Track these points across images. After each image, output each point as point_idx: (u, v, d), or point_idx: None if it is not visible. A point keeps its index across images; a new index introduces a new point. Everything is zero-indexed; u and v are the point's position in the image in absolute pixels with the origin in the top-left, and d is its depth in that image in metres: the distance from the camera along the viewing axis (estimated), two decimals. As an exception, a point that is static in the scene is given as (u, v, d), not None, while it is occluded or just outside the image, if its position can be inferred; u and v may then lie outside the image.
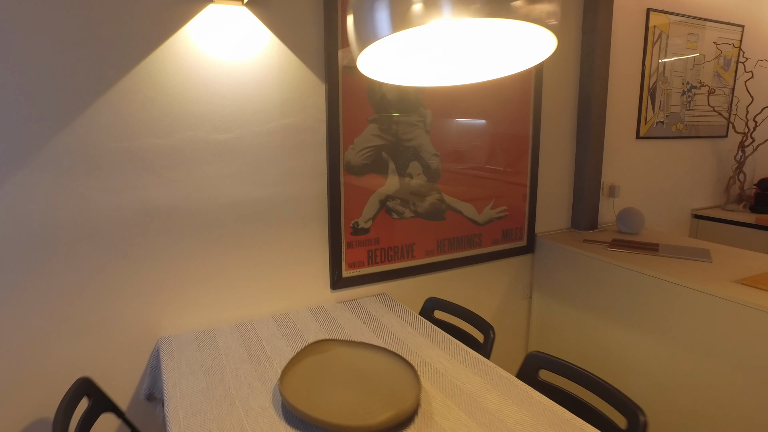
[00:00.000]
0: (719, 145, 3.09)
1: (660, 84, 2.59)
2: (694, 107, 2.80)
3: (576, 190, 2.37)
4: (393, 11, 0.62)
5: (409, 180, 1.85)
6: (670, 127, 2.71)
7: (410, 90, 1.78)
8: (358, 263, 1.80)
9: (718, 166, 3.13)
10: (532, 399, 1.12)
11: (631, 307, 1.86)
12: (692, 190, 3.00)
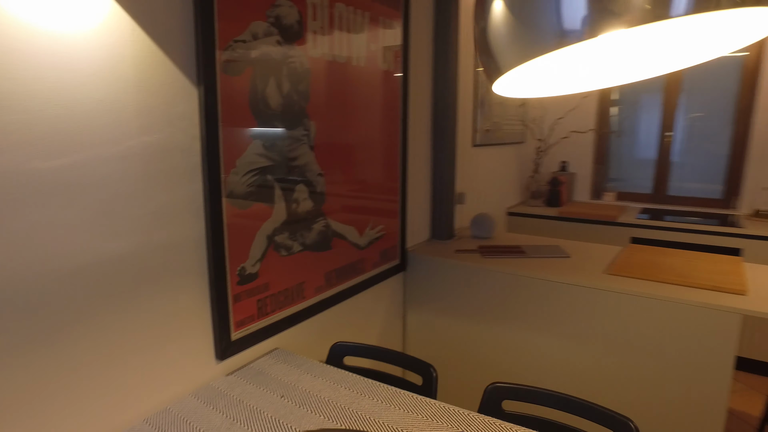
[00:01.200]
0: (521, 150, 3.63)
1: (485, 95, 2.87)
2: (504, 117, 3.20)
3: (434, 200, 2.44)
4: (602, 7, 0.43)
5: (296, 207, 1.58)
6: (494, 135, 3.04)
7: (293, 97, 1.51)
8: (247, 319, 1.44)
9: (520, 169, 3.68)
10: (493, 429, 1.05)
11: (518, 308, 1.99)
12: (505, 191, 3.45)
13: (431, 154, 2.38)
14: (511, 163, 3.49)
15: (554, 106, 3.79)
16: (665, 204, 3.62)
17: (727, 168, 3.41)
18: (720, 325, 1.62)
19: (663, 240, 3.04)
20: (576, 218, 3.28)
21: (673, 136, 3.52)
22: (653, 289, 1.74)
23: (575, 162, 3.83)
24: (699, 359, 1.66)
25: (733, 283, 1.75)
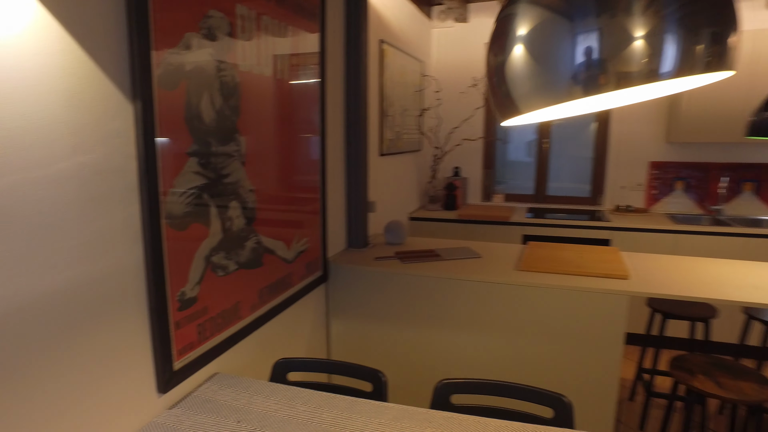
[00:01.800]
0: (418, 158, 3.85)
1: (388, 106, 3.01)
2: (404, 127, 3.38)
3: (349, 209, 2.50)
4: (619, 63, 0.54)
5: (230, 225, 1.54)
6: (396, 144, 3.20)
7: (225, 112, 1.48)
8: (188, 346, 1.38)
9: (419, 175, 3.90)
10: (463, 423, 1.17)
11: (441, 308, 2.13)
12: (407, 197, 3.63)
13: (345, 164, 2.44)
14: (411, 171, 3.69)
15: (449, 116, 4.08)
16: (546, 203, 4.09)
17: (592, 169, 3.97)
18: (612, 306, 1.92)
19: (548, 235, 3.45)
20: (473, 220, 3.57)
21: (549, 142, 4.01)
22: (557, 280, 1.99)
23: (467, 167, 4.16)
24: (597, 336, 1.95)
25: (618, 270, 2.08)
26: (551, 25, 0.61)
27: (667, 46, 0.56)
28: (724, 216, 3.57)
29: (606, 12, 0.58)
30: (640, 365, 2.67)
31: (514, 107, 0.67)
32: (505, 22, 0.66)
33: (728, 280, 2.01)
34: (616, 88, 0.58)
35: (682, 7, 0.57)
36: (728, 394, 1.63)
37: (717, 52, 0.57)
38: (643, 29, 0.56)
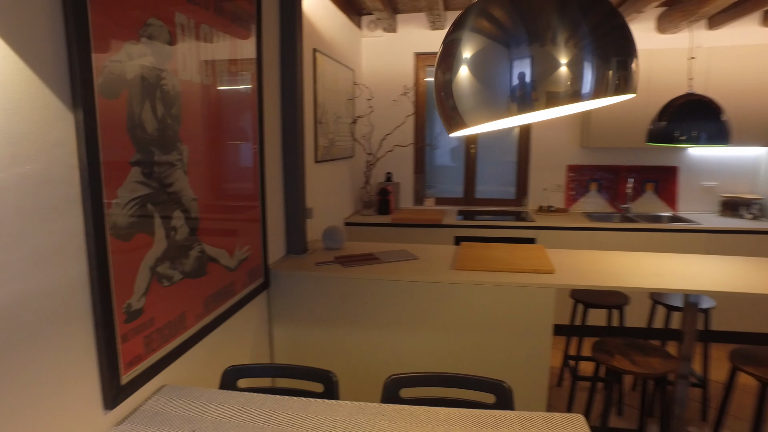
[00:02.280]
0: (352, 164, 3.93)
1: (322, 113, 3.07)
2: (338, 134, 3.46)
3: (288, 216, 2.54)
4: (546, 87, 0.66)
5: (175, 234, 1.54)
6: (331, 151, 3.26)
7: (167, 121, 1.48)
8: (135, 359, 1.37)
9: (352, 181, 3.99)
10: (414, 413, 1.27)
11: (383, 309, 2.23)
12: (341, 203, 3.70)
13: (282, 171, 2.47)
14: (345, 177, 3.77)
15: (381, 123, 4.20)
16: (474, 205, 4.32)
17: (516, 173, 4.26)
18: (541, 299, 2.10)
19: (478, 236, 3.66)
20: (407, 223, 3.71)
21: (476, 148, 4.24)
22: (490, 277, 2.15)
23: (398, 173, 4.30)
24: (529, 327, 2.13)
25: (544, 266, 2.27)
26: (492, 51, 0.72)
27: (586, 72, 0.69)
28: (632, 213, 3.98)
29: (536, 42, 0.69)
30: (566, 353, 2.92)
31: (461, 120, 0.77)
32: (451, 45, 0.76)
33: (637, 270, 2.27)
34: (546, 107, 0.70)
35: (595, 39, 0.70)
36: (641, 370, 1.86)
37: (623, 76, 0.71)
38: (566, 57, 0.69)
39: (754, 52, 3.49)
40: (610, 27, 0.71)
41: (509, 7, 0.71)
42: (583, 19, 0.70)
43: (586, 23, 0.70)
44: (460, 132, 0.81)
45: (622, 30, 0.72)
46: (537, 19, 0.69)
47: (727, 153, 3.92)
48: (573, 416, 1.30)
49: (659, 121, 2.22)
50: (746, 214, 3.69)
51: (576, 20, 0.69)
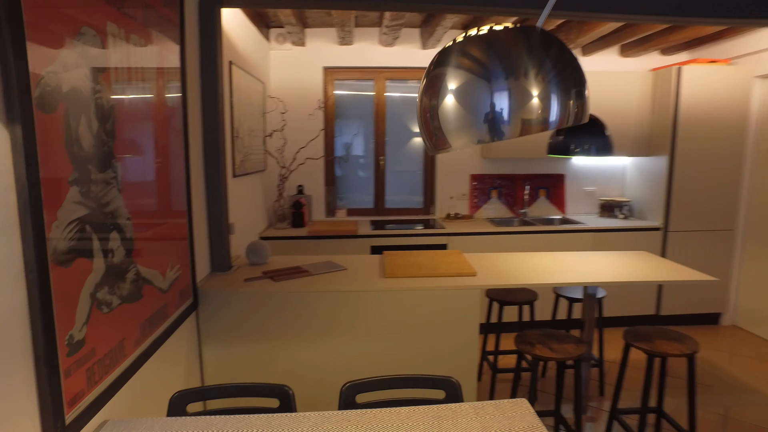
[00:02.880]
0: (265, 178, 3.89)
1: (239, 127, 3.03)
2: (252, 148, 3.42)
3: (211, 233, 2.47)
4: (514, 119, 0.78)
5: (112, 257, 1.46)
6: (246, 165, 3.22)
7: (102, 137, 1.40)
8: (79, 394, 1.27)
9: (266, 195, 3.94)
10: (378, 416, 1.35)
11: (319, 320, 2.26)
12: (256, 217, 3.65)
13: (205, 186, 2.41)
14: (258, 191, 3.72)
15: (294, 136, 4.21)
16: (385, 215, 4.48)
17: (423, 183, 4.50)
18: (468, 299, 2.28)
19: (393, 244, 3.81)
20: (324, 235, 3.75)
21: (385, 159, 4.42)
22: (421, 283, 2.29)
23: (310, 185, 4.33)
24: (458, 327, 2.29)
25: (466, 269, 2.46)
26: (474, 84, 0.83)
27: (553, 102, 0.82)
28: (529, 217, 4.40)
29: (512, 76, 0.82)
30: (484, 349, 3.16)
31: (445, 140, 0.88)
32: (437, 78, 0.86)
33: (543, 268, 2.55)
34: (520, 134, 0.83)
35: (557, 73, 0.84)
36: (559, 355, 2.10)
37: (581, 105, 0.86)
38: (537, 89, 0.82)
39: (616, 77, 4.07)
40: (566, 62, 0.86)
41: (486, 47, 0.83)
42: (546, 56, 0.84)
43: (549, 60, 0.84)
44: (443, 151, 0.91)
45: (575, 63, 0.88)
46: (510, 57, 0.82)
47: (601, 162, 4.51)
48: (518, 401, 1.46)
49: (557, 135, 2.54)
50: (619, 214, 4.27)
51: (541, 58, 0.83)
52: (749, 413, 2.85)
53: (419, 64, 4.24)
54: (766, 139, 3.91)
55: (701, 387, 3.15)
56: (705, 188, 3.99)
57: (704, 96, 3.88)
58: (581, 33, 3.54)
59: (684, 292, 4.10)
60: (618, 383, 2.46)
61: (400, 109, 4.41)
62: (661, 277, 2.41)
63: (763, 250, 3.93)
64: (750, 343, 3.86)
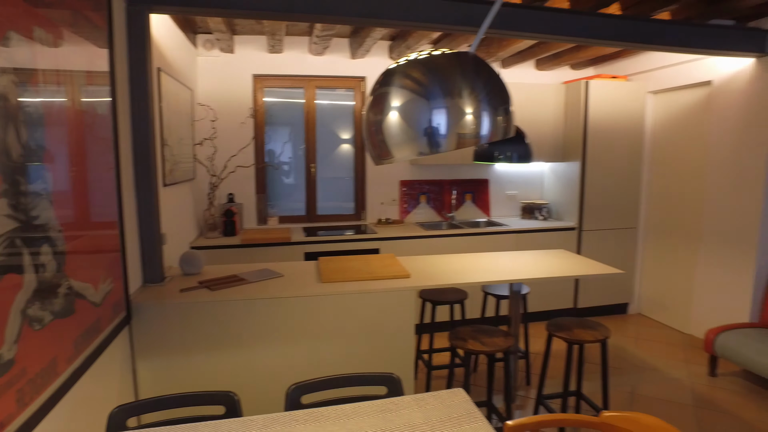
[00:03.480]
0: (194, 186, 3.80)
1: (168, 135, 2.96)
2: (181, 156, 3.34)
3: (143, 243, 2.40)
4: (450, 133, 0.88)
5: (44, 272, 1.41)
6: (175, 174, 3.14)
7: (32, 146, 1.36)
8: (7, 419, 1.22)
9: (195, 204, 3.85)
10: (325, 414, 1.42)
11: (260, 326, 2.27)
12: (186, 226, 3.56)
13: (136, 195, 2.34)
14: (188, 200, 3.63)
15: (224, 144, 4.14)
16: (317, 222, 4.52)
17: (354, 189, 4.58)
18: (403, 300, 2.39)
19: (327, 250, 3.86)
20: (256, 243, 3.73)
21: (316, 167, 4.46)
22: (358, 286, 2.37)
23: (240, 193, 4.28)
24: (395, 327, 2.39)
25: (400, 271, 2.57)
26: (415, 102, 0.92)
27: (484, 119, 0.94)
28: (456, 221, 4.62)
29: (449, 96, 0.92)
30: (419, 348, 3.28)
31: (388, 152, 0.96)
32: (381, 96, 0.95)
33: (469, 268, 2.72)
34: (456, 147, 0.93)
35: (488, 93, 0.96)
36: (489, 348, 2.26)
37: (507, 120, 0.98)
38: (470, 108, 0.93)
39: (533, 89, 4.40)
40: (494, 83, 0.98)
41: (426, 70, 0.92)
42: (478, 79, 0.95)
43: (480, 81, 0.95)
44: (387, 161, 1.00)
45: (501, 84, 1.00)
46: (447, 79, 0.92)
47: (522, 167, 4.83)
48: (455, 390, 1.57)
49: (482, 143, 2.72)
50: (539, 215, 4.60)
51: (473, 80, 0.94)
52: (652, 388, 3.19)
53: (349, 74, 4.34)
54: (659, 146, 4.39)
55: (613, 369, 3.48)
56: (612, 190, 4.40)
57: (608, 107, 4.28)
58: (501, 47, 3.80)
59: (597, 285, 4.48)
60: (542, 372, 2.68)
61: (330, 117, 4.47)
62: (576, 272, 2.65)
63: (660, 246, 4.39)
64: (652, 328, 4.30)
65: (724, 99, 3.64)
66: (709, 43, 3.11)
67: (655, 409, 2.93)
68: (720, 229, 3.71)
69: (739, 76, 3.52)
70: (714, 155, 3.74)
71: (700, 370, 3.47)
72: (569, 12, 2.78)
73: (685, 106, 4.10)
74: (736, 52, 3.21)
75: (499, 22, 2.62)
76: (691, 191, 4.07)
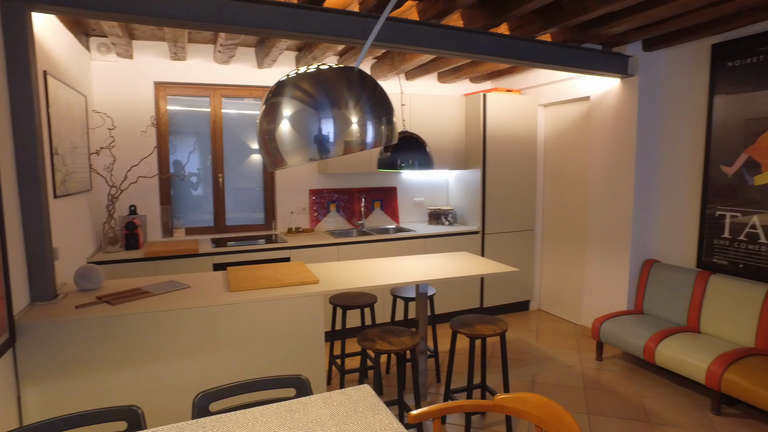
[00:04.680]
0: (91, 198, 3.59)
1: (58, 143, 2.80)
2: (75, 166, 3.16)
3: (30, 258, 2.26)
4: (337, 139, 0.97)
5: None
6: (69, 185, 2.97)
7: None
8: None
9: (93, 216, 3.64)
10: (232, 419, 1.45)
11: (167, 339, 2.21)
12: (82, 241, 3.37)
13: (20, 208, 2.20)
14: (84, 212, 3.44)
15: (125, 154, 3.95)
16: (226, 233, 4.44)
17: (264, 199, 4.56)
18: (312, 306, 2.44)
19: (237, 261, 3.81)
20: (162, 256, 3.60)
21: (224, 177, 4.39)
22: (266, 294, 2.39)
23: (144, 205, 4.11)
24: (305, 333, 2.44)
25: (309, 278, 2.63)
26: (305, 112, 1.00)
27: (369, 128, 1.04)
28: (366, 228, 4.74)
29: (335, 107, 1.01)
30: (331, 354, 3.34)
31: (282, 159, 1.03)
32: (273, 106, 1.02)
33: (378, 272, 2.84)
34: (344, 153, 1.03)
35: (371, 105, 1.06)
36: (397, 347, 2.38)
37: (391, 129, 1.09)
38: (356, 117, 1.03)
39: (436, 100, 4.66)
40: (377, 95, 1.09)
41: (315, 82, 1.01)
42: (362, 91, 1.05)
43: (365, 94, 1.05)
44: (281, 167, 1.07)
45: (384, 97, 1.11)
46: (334, 91, 1.02)
47: (428, 175, 5.07)
48: (361, 387, 1.66)
49: (385, 152, 2.86)
50: (445, 221, 4.85)
51: (358, 92, 1.04)
52: (549, 376, 3.50)
53: (256, 83, 4.33)
54: (551, 154, 4.82)
55: (516, 362, 3.76)
56: (511, 195, 4.76)
57: (504, 118, 4.64)
58: (403, 61, 4.00)
59: (500, 285, 4.80)
60: (449, 368, 2.85)
61: (237, 127, 4.43)
62: (477, 271, 2.86)
63: (555, 246, 4.82)
64: (550, 322, 4.69)
65: (600, 113, 4.09)
66: (585, 64, 3.51)
67: (552, 394, 3.22)
68: (601, 229, 4.16)
69: (610, 93, 3.98)
70: (594, 162, 4.19)
71: (589, 356, 3.85)
72: (463, 30, 3.01)
73: (571, 118, 4.55)
74: (606, 72, 3.64)
75: (398, 37, 2.78)
76: (578, 195, 4.51)
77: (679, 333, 3.34)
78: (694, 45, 3.55)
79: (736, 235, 3.34)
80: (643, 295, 3.87)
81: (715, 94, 3.41)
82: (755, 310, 3.13)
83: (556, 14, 2.95)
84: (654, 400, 3.14)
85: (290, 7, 2.51)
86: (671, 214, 3.80)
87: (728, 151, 3.36)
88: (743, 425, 2.84)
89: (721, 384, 2.84)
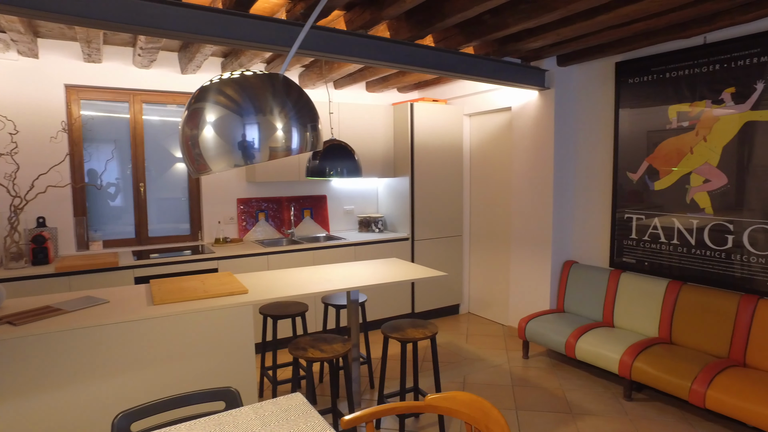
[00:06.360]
0: (-8, 210, 3.31)
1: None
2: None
3: None
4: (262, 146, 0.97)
5: None
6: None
7: None
8: None
9: (-6, 230, 3.35)
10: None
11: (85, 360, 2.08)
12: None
13: None
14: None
15: (31, 161, 3.66)
16: (149, 244, 4.24)
17: (189, 209, 4.41)
18: (241, 316, 2.39)
19: (161, 273, 3.65)
20: (76, 271, 3.37)
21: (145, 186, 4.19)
22: (193, 306, 2.31)
23: (55, 217, 3.83)
24: (235, 345, 2.38)
25: (238, 288, 2.57)
26: (229, 118, 1.00)
27: (294, 134, 1.06)
28: (296, 237, 4.70)
29: (260, 113, 1.02)
30: (263, 366, 3.27)
31: (206, 165, 1.03)
32: (197, 111, 1.01)
33: (308, 280, 2.84)
34: (269, 159, 1.03)
35: (296, 112, 1.08)
36: (329, 355, 2.38)
37: (315, 136, 1.11)
38: (281, 123, 1.04)
39: (365, 109, 4.73)
40: (303, 102, 1.11)
41: (239, 88, 1.01)
42: (287, 98, 1.07)
43: (290, 101, 1.07)
44: (205, 173, 1.05)
45: (309, 104, 1.13)
46: (258, 98, 1.02)
47: (358, 183, 5.12)
48: (293, 395, 1.65)
49: (314, 160, 2.87)
50: (375, 228, 4.91)
51: (283, 99, 1.06)
52: (480, 376, 3.63)
53: (179, 89, 4.19)
54: (476, 162, 5.03)
55: (447, 364, 3.86)
56: (439, 202, 4.90)
57: (431, 127, 4.79)
58: (332, 70, 4.03)
59: (431, 290, 4.92)
60: (382, 373, 2.88)
61: (160, 134, 4.26)
62: (406, 277, 2.92)
63: (482, 250, 5.01)
64: (480, 324, 4.86)
65: (520, 122, 4.33)
66: (506, 76, 3.71)
67: (482, 393, 3.34)
68: (524, 233, 4.38)
69: (529, 104, 4.23)
70: (516, 170, 4.42)
71: (517, 355, 4.04)
72: (390, 41, 3.09)
73: (494, 127, 4.78)
74: (525, 84, 3.87)
75: (326, 46, 2.81)
76: (503, 201, 4.74)
77: (596, 328, 3.59)
78: (601, 62, 3.86)
79: (642, 236, 3.65)
80: (564, 295, 4.12)
81: (621, 108, 3.73)
82: (658, 302, 3.43)
83: (478, 28, 3.10)
84: (575, 392, 3.34)
85: (215, 12, 2.46)
86: (587, 217, 4.09)
87: (633, 160, 3.68)
88: (650, 408, 3.10)
89: (631, 372, 3.09)
